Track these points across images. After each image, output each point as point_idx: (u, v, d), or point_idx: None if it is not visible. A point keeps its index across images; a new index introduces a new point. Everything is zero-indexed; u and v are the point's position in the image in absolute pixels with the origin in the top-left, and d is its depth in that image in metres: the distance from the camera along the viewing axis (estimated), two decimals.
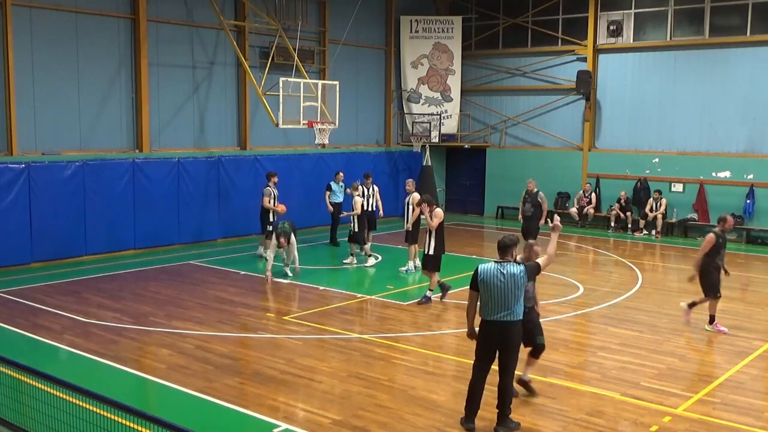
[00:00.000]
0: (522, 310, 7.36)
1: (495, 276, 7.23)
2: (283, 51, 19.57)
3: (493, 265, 7.32)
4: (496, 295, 7.20)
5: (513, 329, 7.29)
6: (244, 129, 20.08)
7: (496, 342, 7.32)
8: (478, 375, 7.47)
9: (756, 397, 8.66)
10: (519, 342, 7.45)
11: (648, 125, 22.01)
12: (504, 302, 7.20)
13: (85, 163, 16.17)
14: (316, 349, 10.21)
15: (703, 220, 20.87)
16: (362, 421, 7.65)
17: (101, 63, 16.97)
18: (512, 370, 7.44)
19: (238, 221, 19.02)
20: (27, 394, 7.36)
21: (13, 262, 15.09)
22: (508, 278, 7.21)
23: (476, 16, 25.08)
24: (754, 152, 20.34)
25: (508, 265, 7.29)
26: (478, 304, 7.41)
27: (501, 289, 7.20)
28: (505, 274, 7.22)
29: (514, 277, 7.21)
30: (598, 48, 22.64)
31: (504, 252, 7.39)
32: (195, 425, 6.38)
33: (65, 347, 10.09)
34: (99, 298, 12.89)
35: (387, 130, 24.91)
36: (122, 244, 16.98)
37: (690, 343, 10.74)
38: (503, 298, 7.20)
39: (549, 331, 11.16)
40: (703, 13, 20.88)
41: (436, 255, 12.85)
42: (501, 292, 7.20)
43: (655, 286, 14.77)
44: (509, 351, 7.34)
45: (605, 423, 7.72)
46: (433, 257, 12.86)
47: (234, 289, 13.76)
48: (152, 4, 17.70)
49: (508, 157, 24.53)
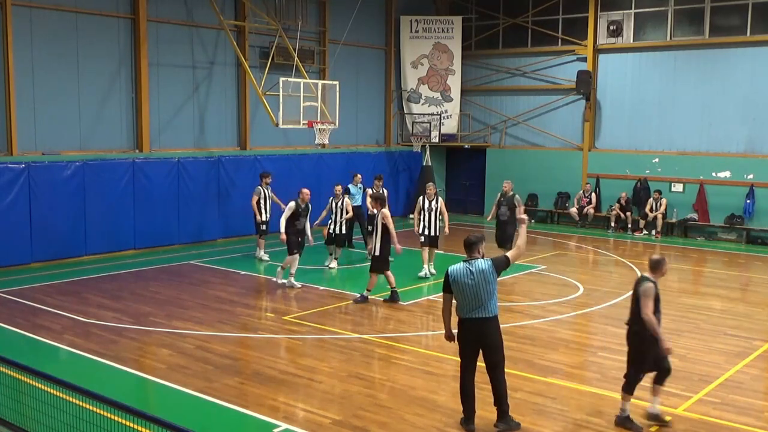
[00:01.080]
0: (497, 306, 7.42)
1: (465, 275, 7.37)
2: (283, 51, 19.58)
3: (462, 265, 7.46)
4: (469, 294, 7.32)
5: (490, 325, 7.37)
6: (244, 129, 20.08)
7: (475, 339, 7.40)
8: (465, 375, 7.53)
9: (756, 397, 8.66)
10: (499, 338, 7.47)
11: (648, 125, 22.01)
12: (477, 299, 7.32)
13: (85, 163, 16.17)
14: (316, 349, 10.21)
15: (703, 220, 20.87)
16: (362, 421, 7.65)
17: (101, 63, 16.97)
18: (501, 366, 7.48)
19: (238, 221, 19.00)
20: (27, 394, 7.35)
21: (13, 262, 15.09)
22: (477, 275, 7.33)
23: (476, 16, 25.08)
24: (754, 152, 20.34)
25: (476, 262, 7.43)
26: (454, 304, 7.52)
27: (472, 287, 7.32)
28: (474, 271, 7.35)
29: (483, 273, 7.34)
30: (598, 48, 22.64)
31: (471, 249, 7.55)
32: (195, 425, 6.38)
33: (65, 347, 10.09)
34: (99, 298, 12.89)
35: (387, 130, 24.91)
36: (122, 244, 16.98)
37: (690, 343, 10.74)
38: (476, 296, 7.31)
39: (549, 331, 11.22)
40: (703, 13, 20.88)
41: (382, 257, 12.88)
42: (472, 289, 7.32)
43: None
44: (491, 348, 7.41)
45: (605, 423, 7.72)
46: (380, 258, 12.88)
47: (234, 289, 13.76)
48: (152, 4, 17.70)
49: (508, 157, 24.53)
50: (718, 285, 14.99)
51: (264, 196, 16.38)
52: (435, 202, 14.81)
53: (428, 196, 14.87)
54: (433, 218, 14.70)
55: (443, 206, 15.07)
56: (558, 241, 20.12)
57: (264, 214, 16.37)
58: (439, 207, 14.80)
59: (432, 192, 14.97)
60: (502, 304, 12.74)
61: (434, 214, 14.72)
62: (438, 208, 14.78)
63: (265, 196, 16.41)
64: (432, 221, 14.68)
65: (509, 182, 16.15)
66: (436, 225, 14.72)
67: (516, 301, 13.00)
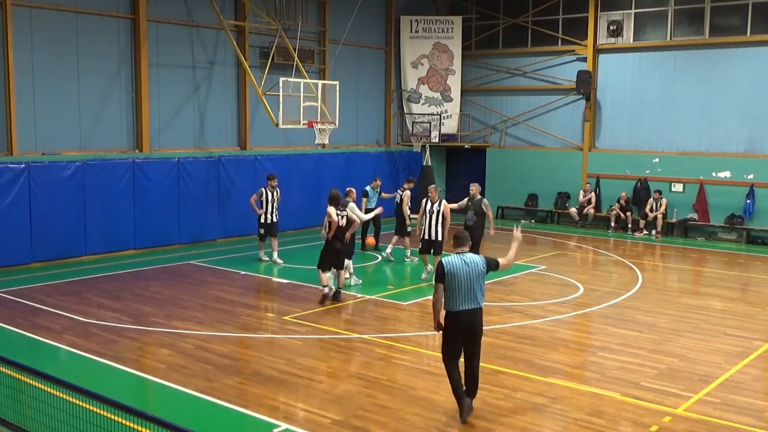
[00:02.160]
0: (483, 298, 7.67)
1: (460, 266, 7.58)
2: (283, 51, 19.57)
3: (456, 257, 7.65)
4: (464, 284, 7.52)
5: (479, 315, 7.64)
6: (244, 129, 20.08)
7: (466, 330, 7.59)
8: (453, 371, 7.67)
9: (756, 397, 8.65)
10: (482, 328, 7.73)
11: (648, 125, 22.01)
12: (470, 289, 7.54)
13: (85, 163, 16.17)
14: (316, 349, 10.21)
15: (703, 220, 20.87)
16: (362, 421, 7.65)
17: (101, 63, 16.97)
18: (479, 355, 7.72)
19: (238, 221, 19.01)
20: (27, 394, 7.36)
21: (13, 262, 15.09)
22: (471, 266, 7.58)
23: (476, 16, 25.08)
24: (754, 152, 20.34)
25: (467, 255, 7.68)
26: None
27: (467, 278, 7.53)
28: (468, 262, 7.62)
29: (477, 264, 7.63)
30: (598, 48, 22.64)
31: (461, 243, 7.80)
32: (195, 425, 6.38)
33: (65, 347, 10.09)
34: (99, 298, 12.89)
35: (387, 130, 24.90)
36: (122, 244, 16.98)
37: (690, 343, 10.73)
38: (470, 286, 7.54)
39: (549, 331, 11.22)
40: (703, 13, 20.88)
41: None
42: (468, 280, 7.52)
43: (655, 286, 14.77)
44: (477, 337, 7.65)
45: (605, 423, 7.72)
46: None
47: (234, 289, 13.76)
48: (152, 4, 17.70)
49: (508, 157, 24.53)
50: (718, 285, 14.99)
51: (268, 198, 15.95)
52: (438, 205, 14.11)
53: (431, 198, 14.22)
54: (433, 222, 14.05)
55: (447, 211, 14.17)
56: (558, 241, 20.12)
57: (266, 216, 15.95)
58: (441, 211, 14.07)
59: (434, 194, 14.28)
60: (502, 304, 12.79)
61: (435, 218, 14.06)
62: (441, 211, 14.06)
63: (269, 198, 15.97)
64: (432, 225, 14.06)
65: (476, 185, 15.20)
66: (436, 230, 14.05)
67: (516, 301, 12.99)
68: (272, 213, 16.07)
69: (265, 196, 16.00)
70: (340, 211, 12.82)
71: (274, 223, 16.13)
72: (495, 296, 13.04)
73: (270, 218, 16.03)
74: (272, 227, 16.13)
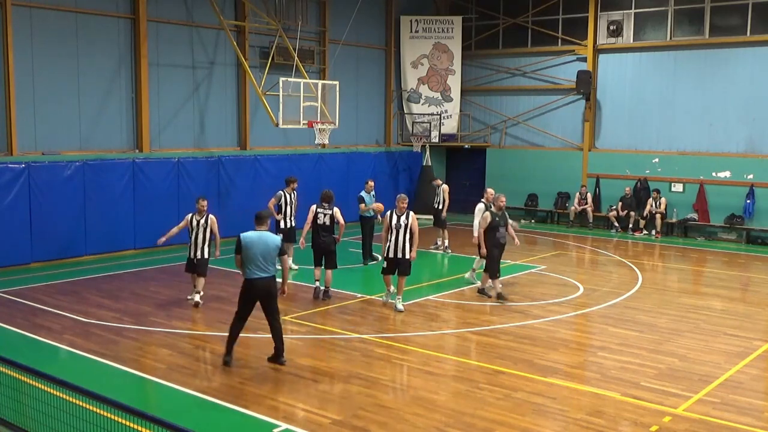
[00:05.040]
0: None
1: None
2: (283, 51, 19.58)
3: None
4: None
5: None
6: (244, 129, 20.08)
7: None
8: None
9: (756, 397, 8.66)
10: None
11: (648, 125, 22.01)
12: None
13: (85, 163, 16.17)
14: (316, 349, 10.21)
15: (703, 220, 20.87)
16: (362, 421, 7.64)
17: (101, 63, 16.97)
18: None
19: (238, 221, 18.95)
20: (27, 394, 7.35)
21: (13, 262, 15.08)
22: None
23: (476, 16, 25.08)
24: (754, 152, 20.34)
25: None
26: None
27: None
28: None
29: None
30: (598, 48, 22.63)
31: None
32: (195, 425, 6.38)
33: (65, 347, 10.09)
34: (99, 298, 12.89)
35: (387, 130, 24.90)
36: (122, 244, 16.98)
37: (690, 343, 10.73)
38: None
39: (549, 331, 11.21)
40: (703, 13, 20.88)
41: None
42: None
43: (655, 286, 14.77)
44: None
45: (605, 423, 7.72)
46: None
47: (234, 289, 13.67)
48: (152, 4, 17.70)
49: (508, 157, 24.53)
50: (718, 285, 14.99)
51: (287, 201, 15.14)
52: (406, 218, 12.11)
53: (398, 210, 12.18)
54: (400, 238, 12.05)
55: (415, 224, 12.14)
56: (558, 241, 20.11)
57: (286, 220, 15.11)
58: (410, 224, 12.09)
59: (402, 206, 12.21)
60: (502, 303, 12.77)
61: (402, 233, 12.08)
62: (408, 225, 12.08)
63: (288, 201, 15.16)
64: (399, 241, 12.08)
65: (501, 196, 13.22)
66: (403, 247, 12.06)
67: (516, 301, 12.99)
68: (291, 217, 15.27)
69: (284, 199, 15.14)
70: (325, 210, 13.05)
71: (293, 228, 15.25)
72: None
73: (289, 222, 15.22)
74: (291, 233, 15.08)
